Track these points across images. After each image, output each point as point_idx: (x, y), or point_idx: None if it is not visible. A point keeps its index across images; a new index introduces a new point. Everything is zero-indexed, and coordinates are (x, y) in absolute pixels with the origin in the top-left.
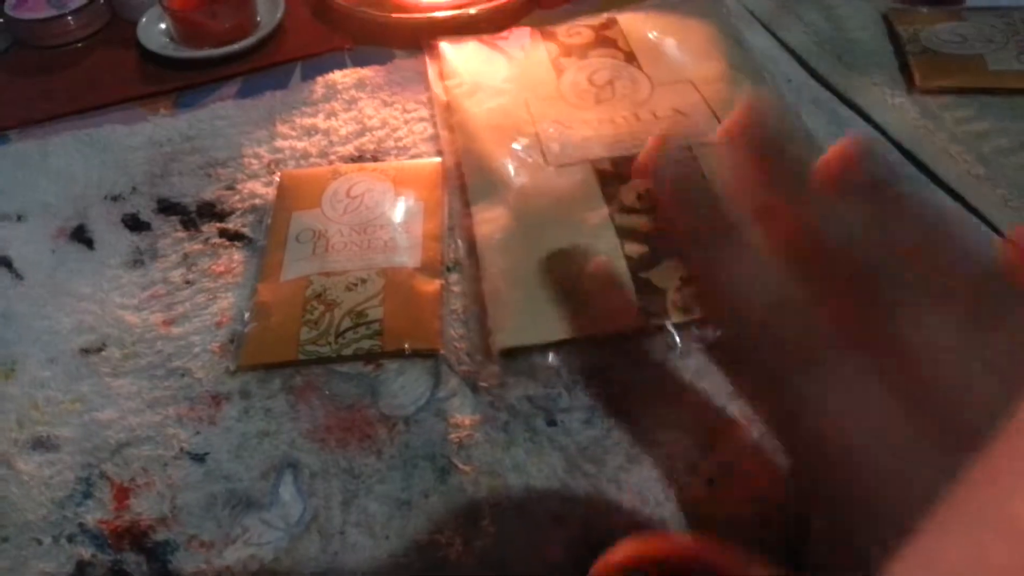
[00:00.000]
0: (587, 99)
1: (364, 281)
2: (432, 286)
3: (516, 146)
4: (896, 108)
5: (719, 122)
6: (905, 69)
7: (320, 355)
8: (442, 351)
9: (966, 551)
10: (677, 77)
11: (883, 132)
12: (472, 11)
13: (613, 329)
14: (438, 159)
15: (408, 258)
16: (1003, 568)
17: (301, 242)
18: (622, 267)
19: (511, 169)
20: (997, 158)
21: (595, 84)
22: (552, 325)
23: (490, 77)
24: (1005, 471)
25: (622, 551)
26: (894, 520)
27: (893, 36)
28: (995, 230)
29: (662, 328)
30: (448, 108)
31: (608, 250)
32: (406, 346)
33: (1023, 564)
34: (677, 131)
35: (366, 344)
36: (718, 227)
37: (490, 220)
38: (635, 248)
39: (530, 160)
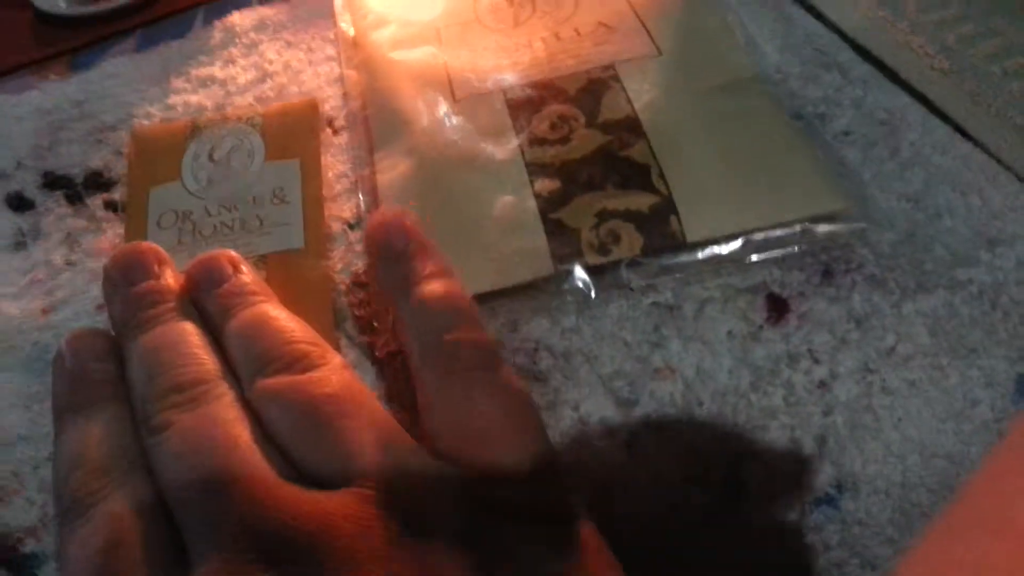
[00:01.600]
0: (505, 21)
1: None
2: (318, 271)
3: (422, 83)
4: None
5: (648, 33)
6: None
7: None
8: (341, 340)
9: (970, 556)
10: None
11: (835, 28)
12: None
13: (524, 278)
14: (311, 97)
15: (293, 239)
16: (1007, 573)
17: (164, 227)
18: (532, 208)
19: (416, 108)
20: (962, 48)
21: (513, 3)
22: (461, 279)
23: (401, 5)
24: (1010, 476)
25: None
26: None
27: None
28: (960, 132)
29: (576, 274)
30: (354, 44)
31: (516, 188)
32: None
33: None
34: (604, 51)
35: None
36: None
37: (393, 167)
38: (545, 185)
39: (437, 96)
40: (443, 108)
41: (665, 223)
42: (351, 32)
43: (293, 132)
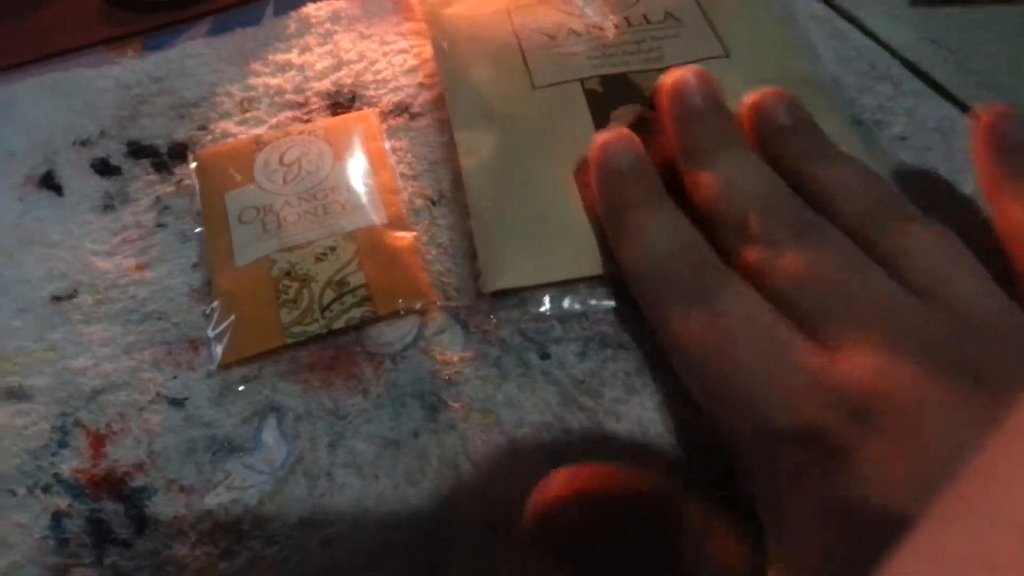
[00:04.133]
0: (574, 2)
1: (333, 249)
2: (406, 240)
3: (498, 67)
4: (897, 18)
5: (715, 33)
6: None
7: (309, 334)
8: (438, 303)
9: (968, 545)
10: None
11: (884, 45)
12: None
13: (606, 266)
14: (371, 109)
15: (373, 215)
16: (1006, 562)
17: (245, 222)
18: None
19: (494, 93)
20: (1001, 67)
21: None
22: (543, 265)
23: None
24: (1008, 464)
25: (555, 485)
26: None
27: None
28: None
29: None
30: (428, 33)
31: None
32: (401, 309)
33: None
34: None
35: (356, 313)
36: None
37: (474, 150)
38: None
39: (514, 81)
40: (522, 95)
41: None
42: (425, 23)
43: (355, 137)
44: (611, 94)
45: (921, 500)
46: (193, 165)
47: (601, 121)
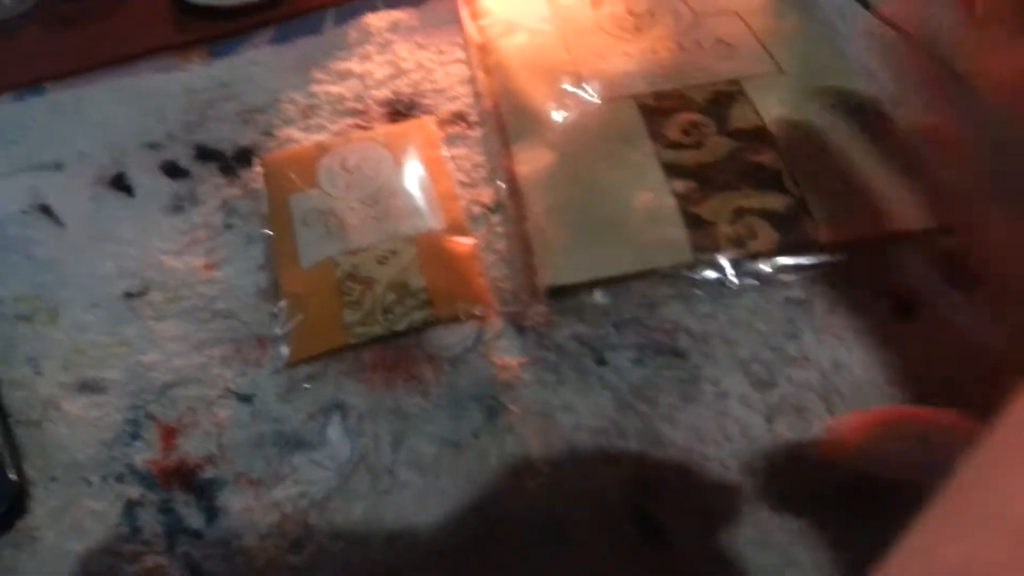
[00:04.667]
0: (627, 29)
1: (395, 252)
2: (465, 246)
3: (556, 84)
4: (953, 40)
5: (769, 55)
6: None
7: (372, 335)
8: (496, 308)
9: (963, 549)
10: (720, 8)
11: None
12: None
13: (663, 264)
14: (428, 117)
15: (432, 221)
16: (1000, 566)
17: (310, 225)
18: (671, 203)
19: (551, 108)
20: None
21: (634, 14)
22: (600, 261)
23: (524, 14)
24: (1003, 469)
25: (853, 425)
26: None
27: None
28: None
29: (714, 263)
30: (483, 49)
31: (655, 187)
32: (460, 313)
33: (1020, 562)
34: (726, 65)
35: (418, 316)
36: None
37: (532, 160)
38: (682, 184)
39: (571, 98)
40: (578, 110)
41: (799, 223)
42: (478, 38)
43: (414, 144)
44: (664, 107)
45: None
46: (259, 170)
47: (655, 130)
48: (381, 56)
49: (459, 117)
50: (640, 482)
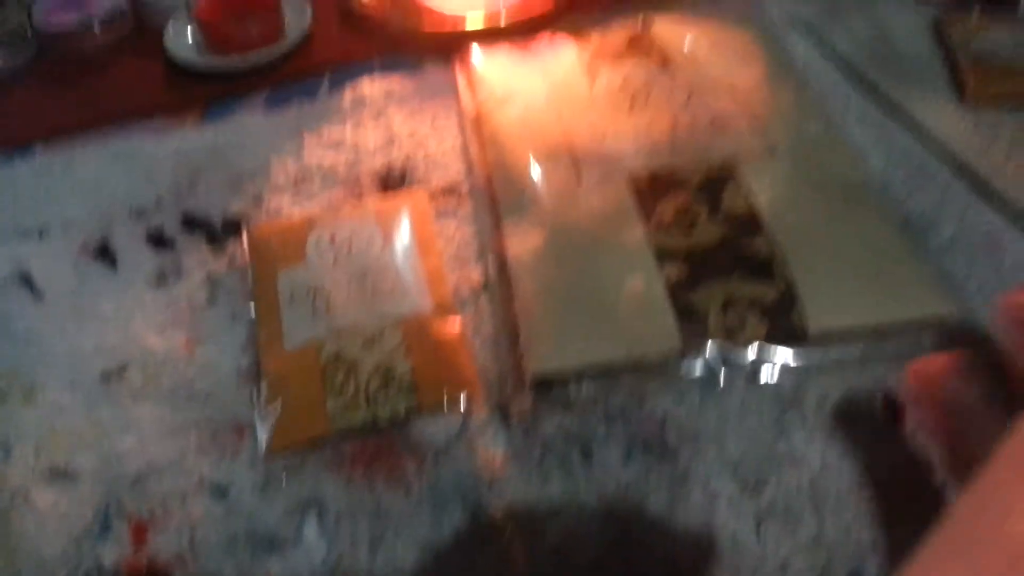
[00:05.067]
0: (621, 106)
1: (381, 335)
2: (453, 328)
3: (549, 160)
4: (947, 120)
5: (761, 135)
6: (956, 79)
7: (354, 424)
8: (482, 395)
9: (964, 571)
10: (715, 85)
11: (935, 144)
12: (502, 24)
13: (651, 353)
14: (421, 189)
15: (420, 301)
16: None
17: (296, 302)
18: (661, 291)
19: (544, 184)
20: None
21: (629, 90)
22: (587, 348)
23: (520, 86)
24: (1002, 491)
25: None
26: None
27: (943, 45)
28: None
29: (703, 355)
30: (478, 120)
31: (645, 271)
32: (445, 400)
33: None
34: (720, 144)
35: (402, 402)
36: None
37: (522, 238)
38: (674, 269)
39: (563, 174)
40: (570, 188)
41: (788, 313)
42: (473, 109)
43: (405, 218)
44: (657, 187)
45: None
46: (246, 242)
47: (647, 211)
48: (375, 123)
49: (451, 190)
50: None
